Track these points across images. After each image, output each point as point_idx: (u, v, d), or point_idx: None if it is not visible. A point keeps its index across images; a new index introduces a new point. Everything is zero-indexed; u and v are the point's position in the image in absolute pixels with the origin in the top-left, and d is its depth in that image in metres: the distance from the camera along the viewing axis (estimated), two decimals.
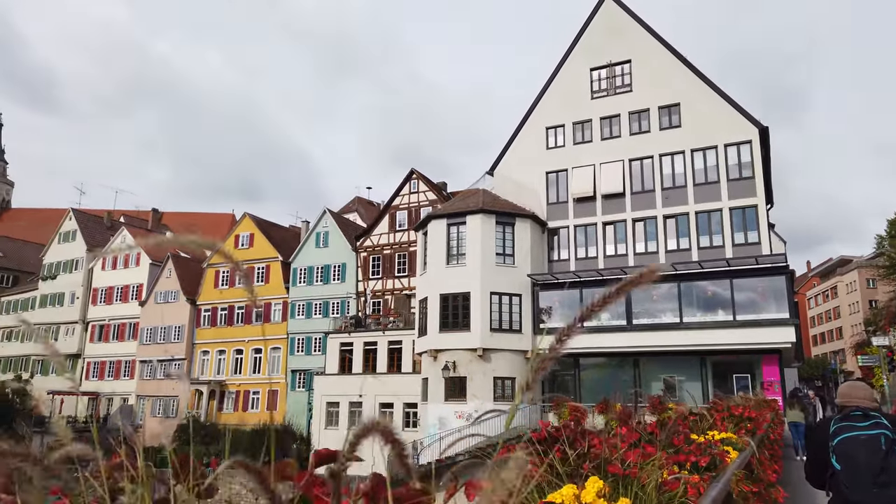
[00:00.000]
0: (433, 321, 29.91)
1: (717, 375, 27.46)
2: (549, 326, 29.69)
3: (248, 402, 44.14)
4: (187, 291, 47.41)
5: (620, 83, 32.27)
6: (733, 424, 6.11)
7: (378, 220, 42.25)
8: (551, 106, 33.40)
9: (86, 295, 52.39)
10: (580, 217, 31.60)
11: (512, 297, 29.72)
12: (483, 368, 28.70)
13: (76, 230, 54.29)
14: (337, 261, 42.79)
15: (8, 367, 55.16)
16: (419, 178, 41.79)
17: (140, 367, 48.57)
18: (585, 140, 32.41)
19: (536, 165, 32.82)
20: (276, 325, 44.21)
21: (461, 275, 29.66)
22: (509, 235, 30.40)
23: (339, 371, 37.14)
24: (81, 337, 52.02)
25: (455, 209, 31.01)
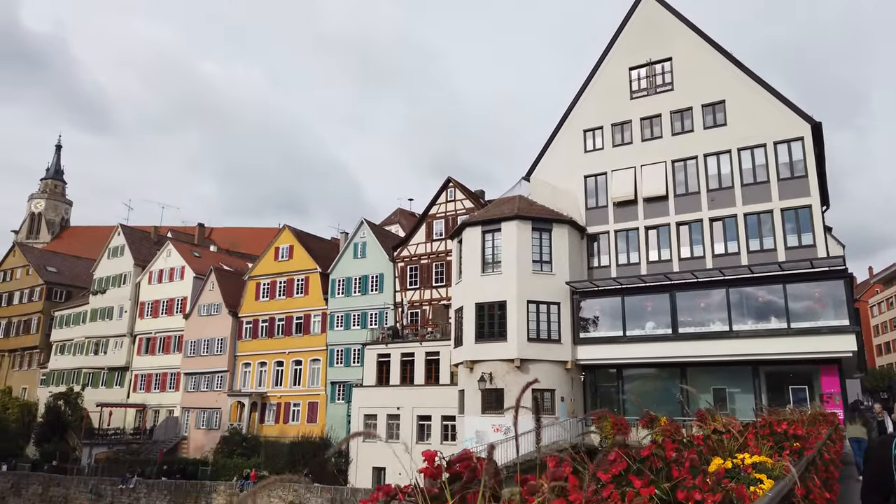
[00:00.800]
0: (469, 331, 29.09)
1: (771, 387, 25.80)
2: (590, 336, 28.59)
3: (289, 414, 44.05)
4: (229, 304, 47.82)
5: (661, 82, 31.02)
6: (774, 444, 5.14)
7: (415, 229, 41.77)
8: (589, 108, 32.36)
9: (133, 308, 53.48)
10: (621, 221, 30.37)
11: (550, 306, 28.67)
12: (520, 380, 27.64)
13: (124, 245, 55.58)
14: (375, 271, 42.45)
15: (61, 379, 56.66)
16: (456, 186, 41.17)
17: (185, 380, 49.14)
18: (625, 142, 31.22)
19: (574, 169, 31.78)
20: (316, 337, 44.12)
21: (497, 283, 28.80)
22: (546, 242, 29.41)
23: (377, 383, 36.61)
24: (129, 350, 53.05)
25: (490, 216, 30.21)
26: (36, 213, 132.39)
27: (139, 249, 55.59)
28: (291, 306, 45.57)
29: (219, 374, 47.44)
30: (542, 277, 28.92)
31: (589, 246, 31.05)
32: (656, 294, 27.93)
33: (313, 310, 44.55)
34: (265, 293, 47.02)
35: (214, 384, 47.49)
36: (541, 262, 29.15)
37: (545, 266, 29.16)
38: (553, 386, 27.90)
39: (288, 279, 46.20)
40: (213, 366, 47.67)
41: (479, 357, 28.49)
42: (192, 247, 55.55)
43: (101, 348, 54.69)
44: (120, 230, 56.89)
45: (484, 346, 28.47)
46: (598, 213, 31.00)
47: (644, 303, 28.27)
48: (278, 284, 46.55)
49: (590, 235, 30.95)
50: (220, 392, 46.68)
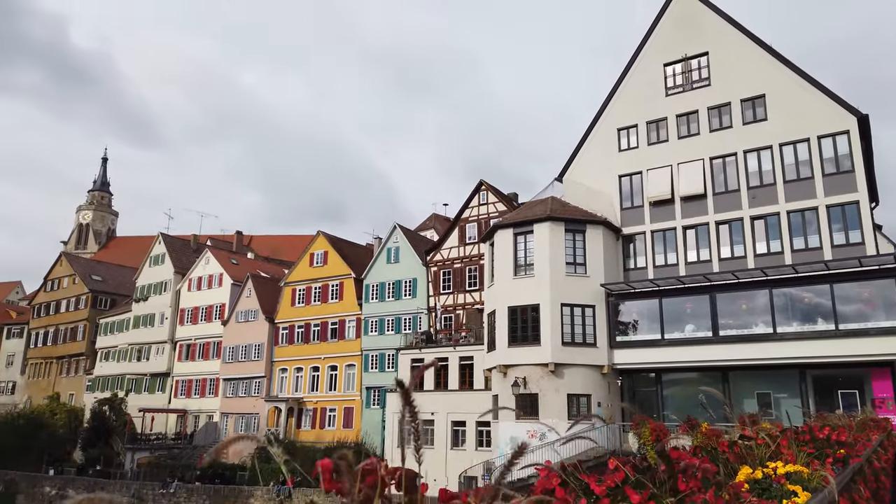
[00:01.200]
0: (502, 335, 28.65)
1: (819, 391, 24.68)
2: (627, 339, 27.86)
3: (325, 420, 44.17)
4: (266, 310, 48.30)
5: (697, 77, 30.15)
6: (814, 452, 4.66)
7: (448, 233, 41.52)
8: (623, 106, 31.66)
9: (174, 315, 54.49)
10: (658, 221, 29.56)
11: (585, 309, 28.02)
12: (555, 385, 27.11)
13: (165, 254, 56.74)
14: (408, 276, 42.33)
15: (106, 385, 58.03)
16: (488, 188, 40.80)
17: (223, 385, 49.78)
18: (661, 140, 30.42)
19: (608, 169, 31.11)
20: (351, 342, 44.18)
21: (530, 286, 28.30)
22: (580, 243, 28.80)
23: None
24: (170, 356, 54.04)
25: (521, 217, 29.75)
26: (84, 224, 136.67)
27: (179, 258, 56.67)
28: (326, 312, 45.75)
29: (256, 380, 47.93)
30: (577, 280, 28.31)
31: (625, 247, 30.30)
32: (695, 296, 27.04)
33: (348, 315, 44.66)
34: (301, 299, 47.35)
35: (252, 390, 48.00)
36: (574, 263, 28.55)
37: (579, 268, 28.54)
38: (589, 391, 27.25)
39: (323, 285, 46.42)
40: (251, 371, 48.18)
41: (513, 362, 28.00)
42: (229, 254, 56.41)
43: (143, 355, 55.86)
44: (160, 239, 58.11)
45: (517, 351, 27.98)
46: (634, 213, 30.25)
47: (683, 305, 27.40)
48: (313, 290, 46.82)
49: (625, 236, 30.21)
50: (258, 397, 47.13)
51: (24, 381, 66.97)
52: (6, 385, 67.93)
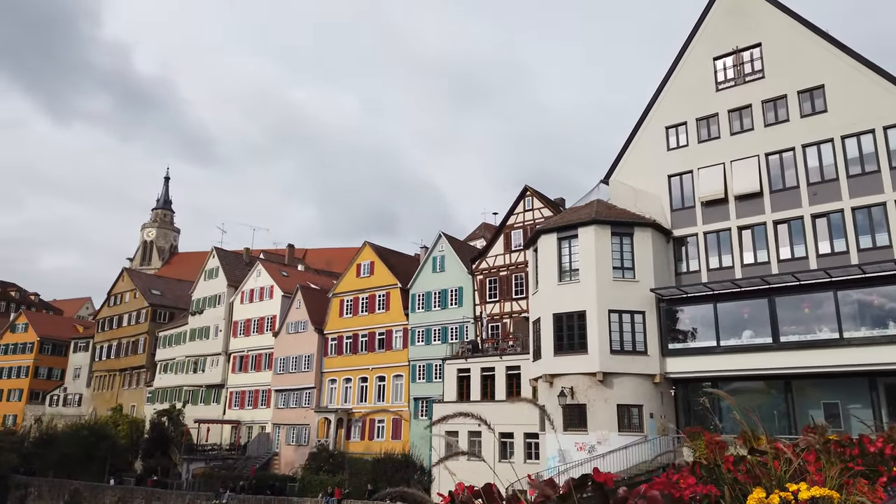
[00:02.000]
0: (547, 344, 27.70)
1: (892, 402, 22.75)
2: (681, 347, 26.51)
3: (374, 431, 43.93)
4: (315, 321, 48.58)
5: (750, 70, 28.64)
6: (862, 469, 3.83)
7: (493, 240, 40.82)
8: (671, 103, 30.38)
9: (227, 328, 55.50)
10: (710, 222, 28.10)
11: (634, 315, 26.80)
12: (604, 395, 25.96)
13: (218, 267, 57.96)
14: (454, 285, 41.78)
15: (164, 397, 59.54)
16: (533, 194, 39.92)
17: (275, 396, 50.26)
18: (712, 137, 29.00)
19: (656, 169, 29.85)
20: (398, 353, 43.89)
21: (575, 292, 27.29)
22: (627, 247, 27.63)
23: (458, 398, 35.74)
24: (224, 368, 55.01)
25: (565, 221, 28.80)
26: (148, 242, 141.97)
27: (232, 271, 57.78)
28: (373, 322, 45.65)
29: (306, 391, 48.17)
30: (625, 285, 27.13)
31: (676, 250, 28.94)
32: (753, 300, 25.47)
33: (394, 325, 44.42)
34: (348, 310, 47.42)
35: (303, 401, 48.26)
36: (622, 268, 27.39)
37: (627, 273, 27.36)
38: (640, 401, 25.98)
39: (369, 295, 46.36)
40: (301, 382, 48.47)
41: (559, 371, 27.01)
42: (280, 266, 57.16)
43: (199, 366, 57.06)
44: (214, 253, 59.43)
45: (563, 360, 26.97)
46: (685, 214, 28.87)
47: (740, 309, 25.86)
48: (360, 301, 46.82)
49: (676, 239, 28.85)
50: (308, 408, 47.32)
51: (89, 393, 69.49)
52: (74, 397, 70.63)
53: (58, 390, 72.31)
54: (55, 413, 68.10)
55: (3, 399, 74.01)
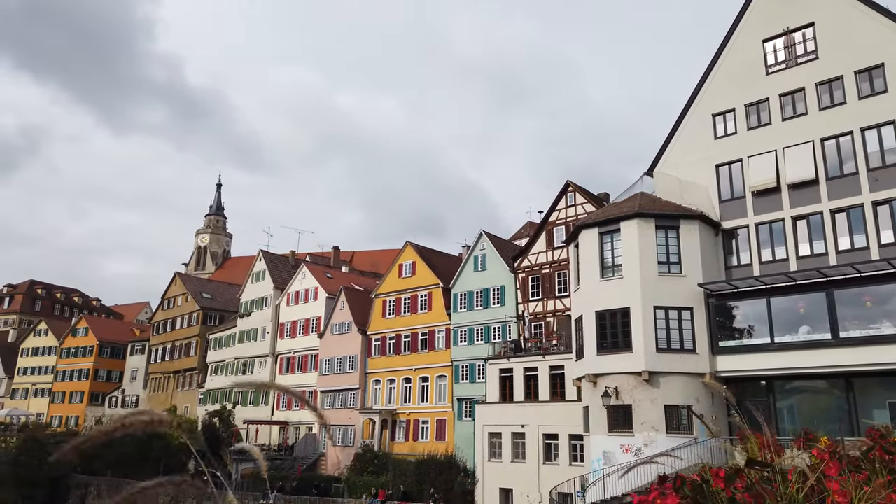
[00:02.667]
0: (590, 342, 26.76)
1: None
2: (732, 344, 25.20)
3: (418, 432, 43.62)
4: (358, 322, 48.63)
5: (802, 51, 27.06)
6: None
7: (535, 238, 39.96)
8: (717, 90, 29.01)
9: (274, 330, 56.18)
10: (762, 213, 26.65)
11: (681, 312, 25.62)
12: (650, 395, 24.88)
13: (265, 270, 58.76)
14: (496, 284, 41.10)
15: (216, 398, 60.68)
16: (575, 189, 38.89)
17: (321, 397, 50.50)
18: (762, 123, 27.52)
19: (703, 159, 28.53)
20: (441, 353, 43.47)
21: (618, 288, 26.27)
22: (673, 240, 26.45)
23: (500, 399, 35.05)
24: (272, 369, 55.67)
25: (607, 215, 27.80)
26: (202, 247, 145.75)
27: (278, 273, 58.48)
28: (416, 322, 45.36)
29: (351, 392, 48.25)
30: (671, 280, 25.98)
31: (725, 243, 27.57)
32: (809, 293, 23.98)
33: (437, 325, 44.02)
34: (391, 310, 47.28)
35: (348, 401, 48.35)
36: (668, 263, 26.23)
37: (673, 267, 26.19)
38: (689, 401, 24.77)
39: (412, 295, 46.10)
40: (346, 383, 48.58)
41: (602, 370, 26.05)
42: (324, 269, 57.54)
43: (248, 368, 57.94)
44: (261, 256, 60.29)
45: (607, 359, 26.00)
46: (735, 205, 27.47)
47: (795, 304, 24.40)
48: (403, 301, 46.62)
49: (725, 231, 27.49)
50: (353, 409, 47.37)
51: (145, 394, 71.52)
52: (131, 398, 72.82)
53: (116, 392, 74.71)
54: (114, 414, 70.20)
55: (66, 401, 76.90)
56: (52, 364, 79.24)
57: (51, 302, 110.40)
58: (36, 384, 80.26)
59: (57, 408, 76.93)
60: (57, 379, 78.42)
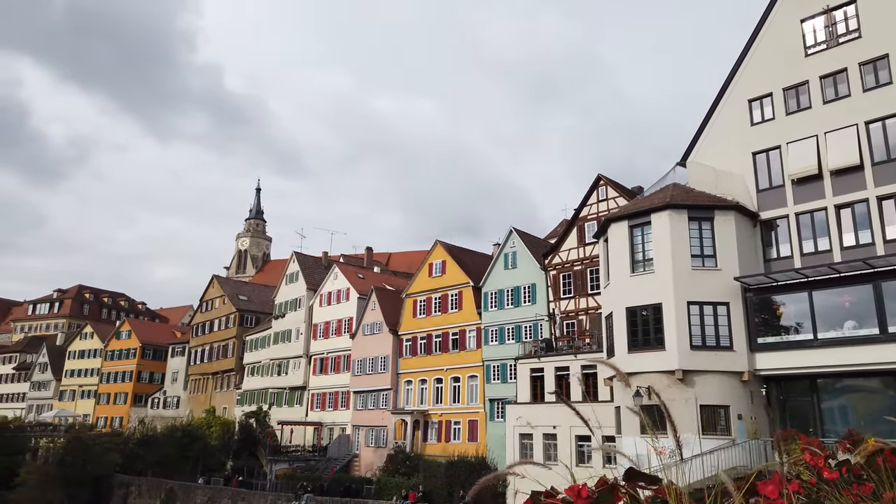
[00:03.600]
0: (620, 340, 25.72)
1: None
2: (771, 341, 23.88)
3: (450, 433, 43.01)
4: (389, 322, 48.31)
5: (844, 30, 25.52)
6: None
7: (566, 234, 38.92)
8: (753, 74, 27.62)
9: (307, 331, 56.30)
10: (803, 202, 25.21)
11: (717, 307, 24.38)
12: (684, 395, 23.72)
13: (298, 272, 58.98)
14: (526, 281, 40.21)
15: (252, 399, 61.20)
16: (607, 183, 37.73)
17: (354, 398, 50.37)
18: (802, 107, 26.05)
19: (739, 147, 27.19)
20: (472, 353, 42.79)
21: (649, 283, 25.17)
22: (707, 232, 25.22)
23: (531, 399, 34.17)
24: (306, 370, 55.80)
25: (637, 208, 26.72)
26: (242, 251, 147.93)
27: (311, 274, 58.62)
28: (447, 322, 44.78)
29: (383, 392, 47.93)
30: (705, 274, 24.76)
31: (764, 234, 26.19)
32: (855, 286, 22.52)
33: (468, 325, 43.35)
34: (421, 310, 46.81)
35: (380, 402, 48.06)
36: (702, 256, 25.02)
37: (707, 261, 24.97)
38: (726, 401, 23.56)
39: (442, 295, 45.54)
40: (378, 384, 48.29)
41: (634, 369, 24.94)
42: (356, 269, 57.46)
43: (282, 369, 58.23)
44: (294, 258, 60.56)
45: (638, 357, 24.92)
46: (773, 194, 26.07)
47: (839, 298, 22.95)
48: (433, 301, 46.09)
49: (764, 222, 26.11)
50: (385, 410, 47.04)
51: (186, 395, 72.70)
52: (172, 399, 74.13)
53: (158, 393, 76.15)
54: (156, 415, 71.68)
55: (110, 402, 78.76)
56: (98, 366, 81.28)
57: (98, 306, 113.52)
58: (82, 386, 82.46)
59: (102, 409, 78.84)
60: (102, 381, 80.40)
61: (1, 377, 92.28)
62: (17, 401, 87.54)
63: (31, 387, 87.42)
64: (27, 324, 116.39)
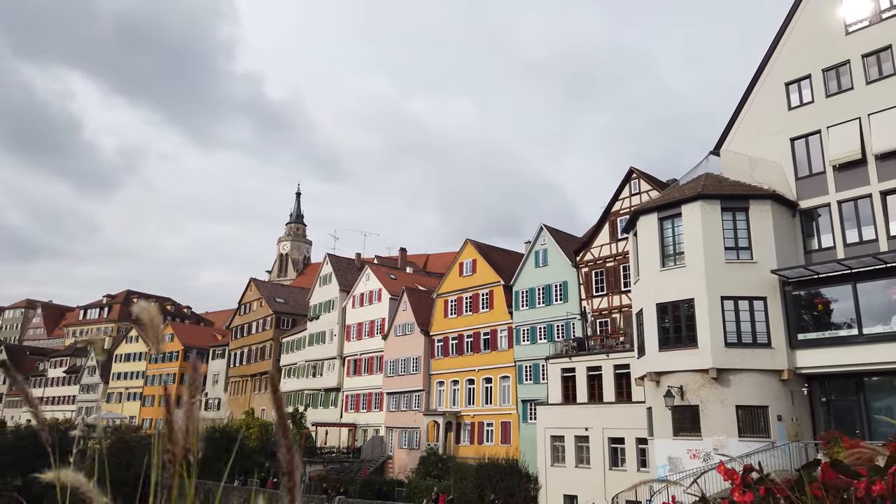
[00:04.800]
0: (651, 338, 24.58)
1: None
2: (813, 337, 22.45)
3: (483, 435, 42.23)
4: (421, 322, 47.81)
5: (888, 4, 23.87)
6: None
7: (597, 229, 37.74)
8: (790, 56, 26.12)
9: (341, 332, 56.26)
10: (845, 189, 23.66)
11: (753, 302, 23.05)
12: (720, 395, 22.48)
13: (331, 273, 59.06)
14: (557, 279, 39.17)
15: (289, 400, 61.49)
16: (640, 176, 36.44)
17: (387, 399, 50.04)
18: (843, 88, 24.48)
19: (776, 133, 25.73)
20: (503, 353, 41.94)
21: (680, 278, 23.98)
22: (742, 223, 23.89)
23: (563, 400, 33.16)
24: (340, 371, 55.76)
25: (667, 199, 25.53)
26: (283, 254, 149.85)
27: (345, 276, 58.60)
28: (478, 322, 44.03)
29: (416, 394, 47.46)
30: (740, 267, 23.45)
31: (804, 224, 24.70)
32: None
33: (499, 324, 42.52)
34: (452, 310, 46.18)
35: (413, 403, 47.59)
36: (736, 248, 23.71)
37: (742, 253, 23.64)
38: (765, 402, 22.22)
39: (473, 294, 44.81)
40: (410, 385, 47.84)
41: (665, 368, 23.83)
42: (388, 270, 57.18)
43: (317, 371, 58.37)
44: (327, 259, 60.68)
45: (670, 355, 23.76)
46: (813, 181, 24.56)
47: (886, 290, 21.39)
48: (464, 300, 45.41)
49: (803, 211, 24.62)
50: (418, 412, 46.55)
51: (226, 397, 73.67)
52: (213, 401, 75.24)
53: (199, 395, 77.30)
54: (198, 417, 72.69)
55: (155, 404, 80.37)
56: (143, 369, 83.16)
57: None
58: (129, 388, 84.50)
59: (147, 411, 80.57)
60: (147, 383, 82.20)
61: (53, 380, 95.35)
62: (67, 403, 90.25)
63: (81, 389, 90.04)
64: (78, 328, 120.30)
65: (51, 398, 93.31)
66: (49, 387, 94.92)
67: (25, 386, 1.28)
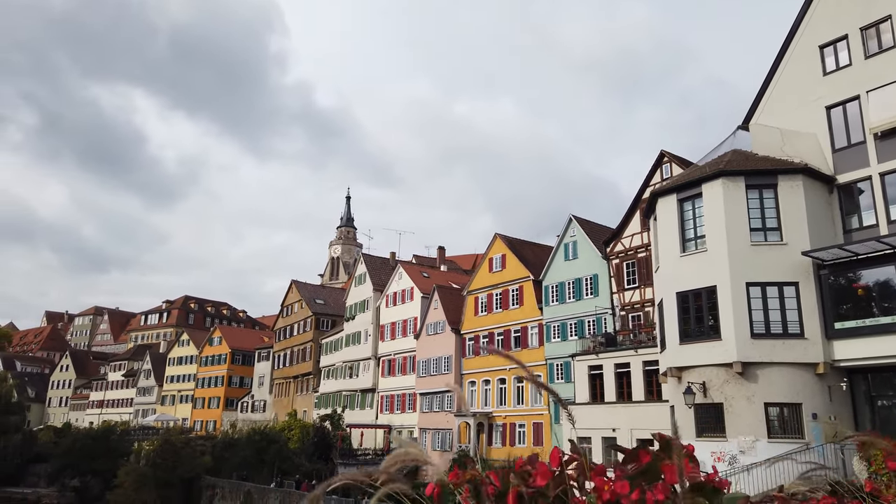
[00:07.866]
0: (671, 330, 22.56)
1: None
2: (852, 326, 20.03)
3: (515, 436, 40.61)
4: (451, 321, 46.54)
5: None
6: None
7: (628, 218, 35.59)
8: (824, 15, 23.62)
9: (375, 332, 55.56)
10: (889, 159, 21.08)
11: (782, 288, 20.76)
12: (746, 391, 20.31)
13: (365, 273, 58.48)
14: (587, 272, 37.19)
15: (328, 402, 61.28)
16: (672, 160, 34.13)
17: (420, 400, 48.97)
18: (884, 48, 21.88)
19: (810, 101, 23.28)
20: (534, 351, 40.18)
21: (702, 264, 21.89)
22: (770, 202, 21.62)
23: (590, 400, 31.25)
24: (375, 372, 55.06)
25: (685, 178, 23.44)
26: (335, 258, 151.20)
27: (378, 276, 57.91)
28: (508, 319, 42.41)
29: (448, 394, 46.18)
30: (768, 250, 21.20)
31: (844, 201, 22.20)
32: None
33: (529, 321, 40.79)
34: (483, 307, 44.71)
35: (445, 404, 46.35)
36: (763, 229, 21.46)
37: (770, 234, 21.38)
38: (798, 398, 19.93)
39: (503, 290, 43.22)
40: (442, 385, 46.53)
41: (686, 362, 21.79)
42: (420, 268, 56.18)
43: (353, 372, 57.86)
44: (362, 259, 60.16)
45: (691, 348, 21.71)
46: (852, 153, 22.03)
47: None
48: (494, 297, 43.86)
49: (841, 186, 22.12)
50: (450, 412, 45.27)
51: (271, 399, 74.25)
52: (259, 403, 75.98)
53: (246, 397, 78.38)
54: (245, 419, 73.61)
55: (205, 406, 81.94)
56: (194, 372, 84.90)
57: (202, 315, 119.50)
58: (181, 391, 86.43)
59: (198, 413, 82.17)
60: (198, 386, 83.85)
61: (113, 384, 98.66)
62: (125, 406, 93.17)
63: (137, 392, 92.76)
64: (139, 333, 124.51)
65: (111, 401, 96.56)
66: (109, 390, 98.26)
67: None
